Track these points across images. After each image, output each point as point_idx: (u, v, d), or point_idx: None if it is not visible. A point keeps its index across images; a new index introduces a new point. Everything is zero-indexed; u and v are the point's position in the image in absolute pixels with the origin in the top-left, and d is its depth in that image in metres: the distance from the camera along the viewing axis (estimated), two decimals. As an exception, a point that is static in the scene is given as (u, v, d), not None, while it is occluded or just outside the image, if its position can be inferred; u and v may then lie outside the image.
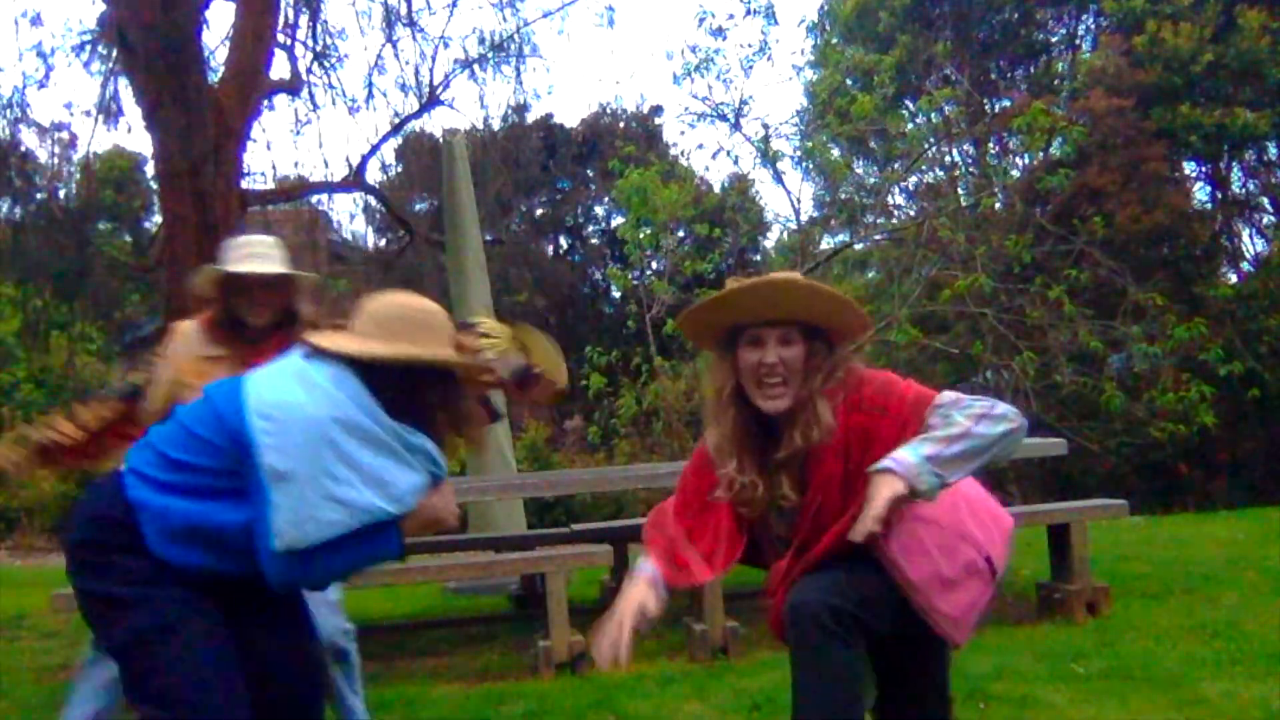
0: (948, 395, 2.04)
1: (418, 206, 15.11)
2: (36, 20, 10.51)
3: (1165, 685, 3.39)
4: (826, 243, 11.50)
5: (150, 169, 13.90)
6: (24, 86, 10.65)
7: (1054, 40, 14.83)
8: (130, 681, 1.94)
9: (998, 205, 10.44)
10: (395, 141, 12.47)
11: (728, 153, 13.57)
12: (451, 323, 2.13)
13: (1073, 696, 3.34)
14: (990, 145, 12.78)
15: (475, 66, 10.78)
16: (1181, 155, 12.75)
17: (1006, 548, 2.14)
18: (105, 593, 1.93)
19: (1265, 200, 13.81)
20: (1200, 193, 14.09)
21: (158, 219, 13.22)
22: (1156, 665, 3.61)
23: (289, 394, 1.89)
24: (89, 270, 11.66)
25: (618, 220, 14.87)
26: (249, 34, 8.60)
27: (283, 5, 9.20)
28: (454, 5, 13.43)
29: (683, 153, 17.29)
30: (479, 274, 6.50)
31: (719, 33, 11.53)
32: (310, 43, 9.91)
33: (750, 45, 11.17)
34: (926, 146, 10.14)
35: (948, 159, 11.96)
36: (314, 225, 15.37)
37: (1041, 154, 10.83)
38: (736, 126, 9.90)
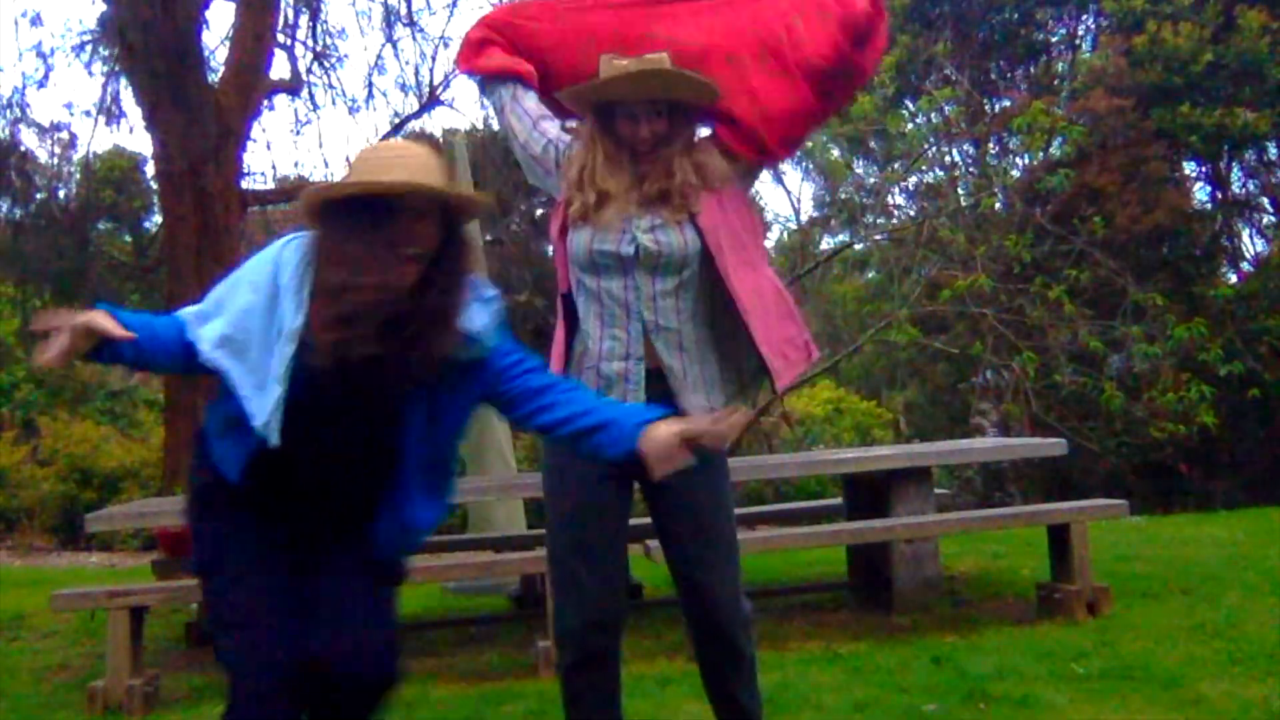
0: None
1: (418, 206, 15.08)
2: (36, 20, 10.58)
3: (1165, 685, 3.39)
4: (826, 243, 11.51)
5: (150, 169, 13.91)
6: (24, 86, 10.72)
7: (1054, 40, 14.81)
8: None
9: (998, 205, 10.43)
10: (395, 141, 12.48)
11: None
12: None
13: (1073, 696, 3.33)
14: (990, 145, 12.77)
15: (475, 66, 10.78)
16: (1181, 155, 12.74)
17: None
18: None
19: (1265, 200, 13.81)
20: (1200, 193, 14.09)
21: (158, 219, 13.24)
22: (1156, 665, 3.61)
23: None
24: (89, 270, 11.67)
25: (618, 220, 14.82)
26: (249, 34, 8.61)
27: (283, 5, 9.23)
28: (454, 5, 13.45)
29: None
30: (479, 274, 6.49)
31: (719, 33, 11.42)
32: (310, 43, 9.94)
33: (750, 45, 11.09)
34: (926, 146, 10.13)
35: (948, 159, 11.95)
36: (314, 225, 15.36)
37: (1041, 154, 10.82)
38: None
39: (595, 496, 2.40)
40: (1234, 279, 13.02)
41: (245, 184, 9.25)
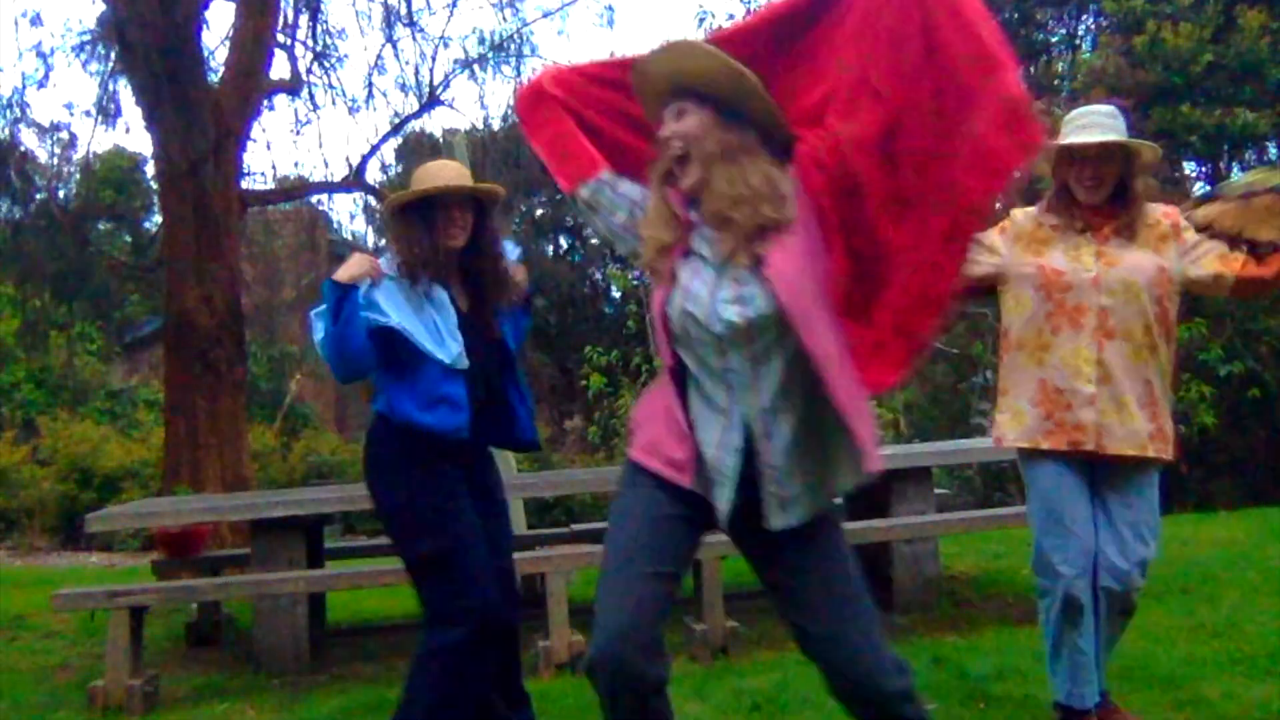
0: None
1: (418, 206, 15.09)
2: (36, 20, 10.54)
3: (1165, 685, 3.39)
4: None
5: (150, 169, 13.92)
6: (24, 86, 10.71)
7: (1054, 40, 14.81)
8: None
9: (998, 205, 10.43)
10: (395, 141, 12.52)
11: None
12: None
13: (1073, 696, 3.32)
14: (990, 145, 12.74)
15: (475, 66, 10.80)
16: (1181, 155, 12.74)
17: None
18: None
19: (1265, 200, 13.80)
20: (1200, 192, 14.08)
21: (158, 219, 13.24)
22: (1156, 665, 3.61)
23: None
24: (89, 270, 11.65)
25: (618, 220, 14.81)
26: (249, 34, 8.61)
27: (283, 5, 9.22)
28: (454, 5, 13.46)
29: (683, 152, 17.22)
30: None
31: (719, 33, 11.41)
32: (310, 43, 9.92)
33: (750, 45, 11.07)
34: (926, 146, 10.12)
35: (948, 159, 11.93)
36: (314, 225, 15.38)
37: (1041, 154, 10.80)
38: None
39: (648, 537, 2.10)
40: (1234, 279, 13.00)
41: (245, 184, 9.25)
